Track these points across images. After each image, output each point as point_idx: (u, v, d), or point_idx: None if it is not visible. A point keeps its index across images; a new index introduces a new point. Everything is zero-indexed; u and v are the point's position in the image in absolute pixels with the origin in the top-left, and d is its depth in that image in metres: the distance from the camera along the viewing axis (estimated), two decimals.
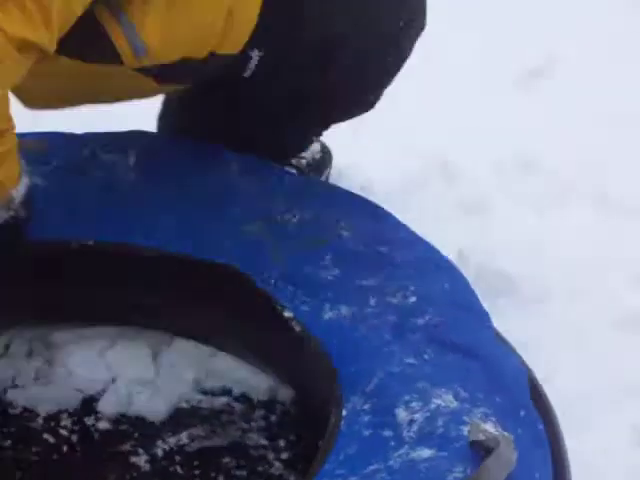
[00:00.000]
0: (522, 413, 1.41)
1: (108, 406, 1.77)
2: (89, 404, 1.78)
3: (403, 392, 1.41)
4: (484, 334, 1.55)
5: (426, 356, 1.48)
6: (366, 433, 1.38)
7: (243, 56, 1.64)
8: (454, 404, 1.38)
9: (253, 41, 1.62)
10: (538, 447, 1.38)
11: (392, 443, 1.35)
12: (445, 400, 1.39)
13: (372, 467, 1.32)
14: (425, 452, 1.31)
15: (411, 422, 1.37)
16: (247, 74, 1.67)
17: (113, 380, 1.80)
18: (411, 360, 1.48)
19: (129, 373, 1.80)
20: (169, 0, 1.51)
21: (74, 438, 1.73)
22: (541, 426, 1.42)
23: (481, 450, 1.28)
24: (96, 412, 1.77)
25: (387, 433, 1.37)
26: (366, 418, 1.39)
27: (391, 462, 1.31)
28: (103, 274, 1.72)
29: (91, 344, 1.82)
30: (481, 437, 1.29)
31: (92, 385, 1.79)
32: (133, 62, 1.55)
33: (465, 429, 1.32)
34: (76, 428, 1.75)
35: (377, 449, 1.35)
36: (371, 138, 2.29)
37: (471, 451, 1.29)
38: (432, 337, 1.50)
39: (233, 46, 1.61)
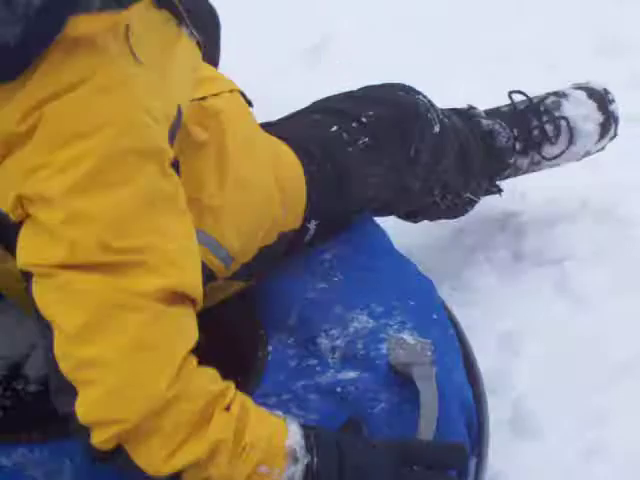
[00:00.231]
0: (434, 316, 1.53)
1: (34, 370, 1.83)
2: (15, 369, 1.83)
3: (322, 321, 1.51)
4: (385, 248, 1.66)
5: (336, 278, 1.58)
6: (292, 363, 1.48)
7: (302, 229, 1.66)
8: (370, 324, 1.49)
9: (308, 213, 1.65)
10: (452, 349, 1.51)
11: (318, 369, 1.46)
12: (361, 322, 1.50)
13: (302, 383, 1.44)
14: (350, 374, 1.42)
15: (333, 349, 1.48)
16: (307, 240, 1.69)
17: (34, 346, 1.85)
18: (323, 285, 1.58)
19: None
20: (230, 199, 1.48)
21: (7, 403, 1.78)
22: (452, 331, 1.54)
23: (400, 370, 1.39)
24: (24, 376, 1.82)
25: (312, 361, 1.48)
26: (291, 352, 1.49)
27: (319, 380, 1.41)
28: None
29: (7, 314, 1.86)
30: (400, 352, 1.39)
31: (15, 351, 1.84)
32: (225, 273, 1.52)
33: (383, 347, 1.43)
34: (8, 394, 1.80)
35: (304, 374, 1.46)
36: None
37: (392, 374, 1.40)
38: (339, 264, 1.61)
39: (294, 221, 1.63)
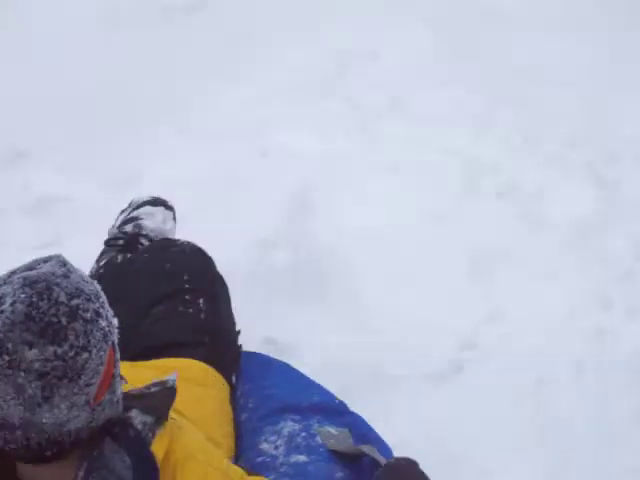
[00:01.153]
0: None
1: None
2: None
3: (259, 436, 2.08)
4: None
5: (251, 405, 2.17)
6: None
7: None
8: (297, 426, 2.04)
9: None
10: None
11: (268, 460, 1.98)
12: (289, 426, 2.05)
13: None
14: (300, 458, 1.94)
15: (276, 447, 2.02)
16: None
17: None
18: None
19: None
20: None
21: None
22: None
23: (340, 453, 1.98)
24: None
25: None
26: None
27: (281, 469, 1.93)
28: None
29: None
30: (332, 441, 1.95)
31: None
32: None
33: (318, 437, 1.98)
34: None
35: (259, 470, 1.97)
36: None
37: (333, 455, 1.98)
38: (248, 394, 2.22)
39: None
